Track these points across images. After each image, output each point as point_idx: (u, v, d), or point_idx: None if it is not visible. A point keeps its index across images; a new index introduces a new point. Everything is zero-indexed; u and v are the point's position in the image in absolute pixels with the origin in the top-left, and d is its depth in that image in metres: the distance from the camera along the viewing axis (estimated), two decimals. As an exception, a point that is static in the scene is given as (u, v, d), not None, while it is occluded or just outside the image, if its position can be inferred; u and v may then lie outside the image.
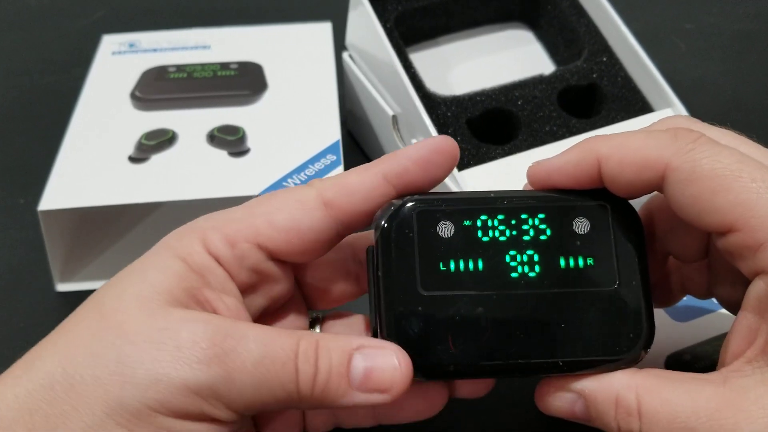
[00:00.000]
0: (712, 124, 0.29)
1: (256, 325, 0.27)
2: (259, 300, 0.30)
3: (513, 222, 0.28)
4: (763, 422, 0.24)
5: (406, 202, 0.28)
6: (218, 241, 0.28)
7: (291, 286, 0.30)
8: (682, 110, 0.45)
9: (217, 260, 0.28)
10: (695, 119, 0.29)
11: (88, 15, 0.70)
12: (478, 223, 0.28)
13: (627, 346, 0.27)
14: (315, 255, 0.29)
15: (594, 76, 0.48)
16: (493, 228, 0.28)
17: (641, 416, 0.26)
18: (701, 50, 0.64)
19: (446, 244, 0.28)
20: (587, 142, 0.28)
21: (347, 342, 0.27)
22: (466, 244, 0.28)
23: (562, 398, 0.28)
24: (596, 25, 0.50)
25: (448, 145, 0.29)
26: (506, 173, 0.43)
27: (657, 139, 0.27)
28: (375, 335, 0.28)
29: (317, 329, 0.32)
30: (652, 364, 0.28)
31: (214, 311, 0.27)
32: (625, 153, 0.27)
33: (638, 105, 0.47)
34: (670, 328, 0.28)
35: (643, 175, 0.27)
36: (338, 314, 0.32)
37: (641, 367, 0.28)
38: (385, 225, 0.28)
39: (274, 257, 0.29)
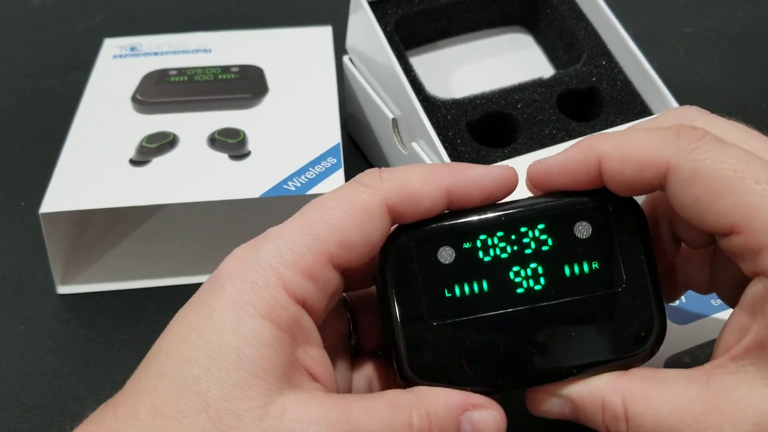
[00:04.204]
0: (721, 115, 0.28)
1: (368, 409, 0.26)
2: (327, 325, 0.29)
3: (513, 237, 0.28)
4: (745, 427, 0.24)
5: (402, 232, 0.28)
6: (300, 280, 0.26)
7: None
8: (681, 113, 0.45)
9: (304, 303, 0.27)
10: (704, 111, 0.29)
11: (89, 19, 0.70)
12: (478, 244, 0.28)
13: (639, 344, 0.27)
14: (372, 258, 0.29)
15: (593, 79, 0.48)
16: (494, 246, 0.28)
17: (628, 420, 0.26)
18: (700, 54, 0.64)
19: (449, 269, 0.27)
20: (588, 140, 0.28)
21: (454, 405, 0.27)
22: (468, 267, 0.27)
23: (551, 403, 0.28)
24: (595, 28, 0.50)
25: (513, 179, 0.28)
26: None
27: (659, 138, 0.26)
28: (391, 364, 0.28)
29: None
30: (652, 367, 0.28)
31: (308, 372, 0.27)
32: (627, 151, 0.27)
33: (637, 108, 0.47)
34: (669, 331, 0.28)
35: (645, 174, 0.26)
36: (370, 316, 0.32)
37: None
38: (385, 258, 0.28)
39: (343, 271, 0.28)
